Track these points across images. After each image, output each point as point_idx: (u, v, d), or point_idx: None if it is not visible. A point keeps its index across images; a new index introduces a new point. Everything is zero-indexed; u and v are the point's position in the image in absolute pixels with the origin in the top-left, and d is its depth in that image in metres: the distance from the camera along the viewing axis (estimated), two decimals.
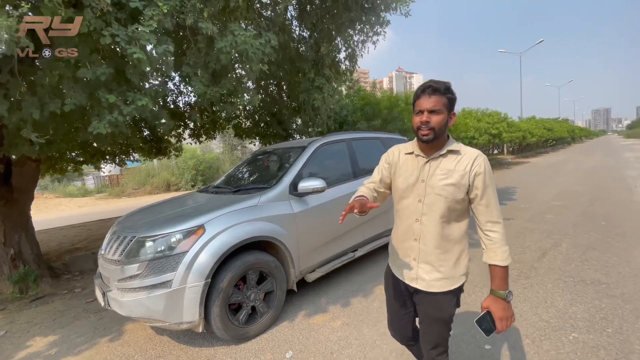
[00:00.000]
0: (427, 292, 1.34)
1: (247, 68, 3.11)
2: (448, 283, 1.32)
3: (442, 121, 1.23)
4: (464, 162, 1.26)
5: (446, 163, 1.28)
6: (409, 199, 1.35)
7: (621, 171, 11.47)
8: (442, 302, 1.33)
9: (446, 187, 1.26)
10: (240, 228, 2.47)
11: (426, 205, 1.30)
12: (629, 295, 2.85)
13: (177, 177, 19.47)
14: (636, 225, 4.87)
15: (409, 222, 1.36)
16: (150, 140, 7.03)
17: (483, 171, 1.24)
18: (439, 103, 1.22)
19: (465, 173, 1.24)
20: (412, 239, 1.36)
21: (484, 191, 1.24)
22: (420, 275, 1.35)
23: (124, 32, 2.46)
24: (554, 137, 31.25)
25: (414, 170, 1.34)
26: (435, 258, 1.32)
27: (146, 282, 2.23)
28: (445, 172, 1.27)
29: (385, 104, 7.98)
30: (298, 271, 2.92)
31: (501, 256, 1.24)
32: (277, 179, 3.04)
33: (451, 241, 1.31)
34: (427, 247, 1.33)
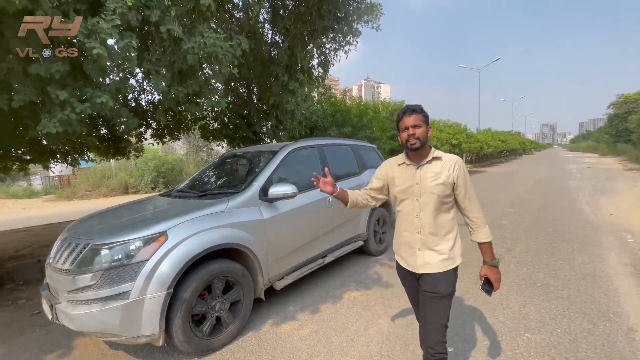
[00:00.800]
0: (434, 273, 1.59)
1: (215, 70, 3.01)
2: (451, 262, 1.61)
3: (423, 132, 1.58)
4: (447, 166, 1.59)
5: (434, 167, 1.60)
6: (408, 199, 1.65)
7: (566, 181, 12.56)
8: (447, 279, 1.60)
9: (437, 186, 1.57)
10: (206, 235, 2.36)
11: (422, 203, 1.60)
12: (574, 297, 3.10)
13: (136, 178, 18.38)
14: (578, 231, 5.34)
15: (410, 218, 1.65)
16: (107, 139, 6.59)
17: (463, 172, 1.61)
18: (418, 119, 1.57)
19: (449, 174, 1.58)
20: (415, 232, 1.64)
21: (465, 187, 1.60)
22: (427, 261, 1.61)
23: (83, 25, 2.30)
24: (508, 149, 33.59)
25: (408, 176, 1.65)
26: (435, 244, 1.61)
27: (101, 294, 2.06)
28: (435, 175, 1.58)
29: (355, 112, 8.13)
30: (266, 279, 2.85)
31: (485, 234, 1.61)
32: (246, 184, 2.96)
33: (445, 228, 1.62)
34: (427, 236, 1.61)
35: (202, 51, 2.87)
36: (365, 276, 3.78)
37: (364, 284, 3.57)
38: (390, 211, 4.79)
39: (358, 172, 4.27)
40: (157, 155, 19.02)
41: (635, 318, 2.70)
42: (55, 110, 2.40)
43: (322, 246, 3.54)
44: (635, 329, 2.53)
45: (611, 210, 6.96)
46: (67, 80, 2.54)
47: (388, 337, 2.53)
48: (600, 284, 3.34)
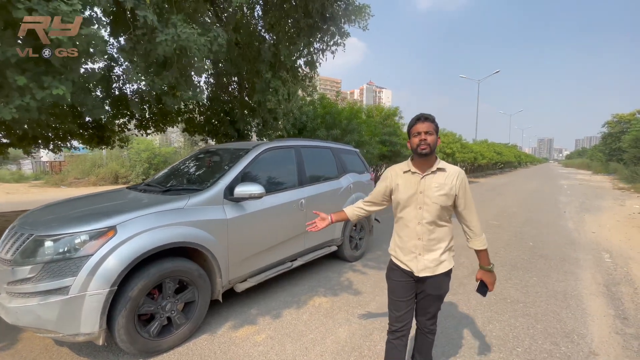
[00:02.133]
0: (433, 276, 1.72)
1: (190, 63, 2.93)
2: (446, 265, 1.75)
3: (434, 140, 1.66)
4: (450, 178, 1.69)
5: (438, 178, 1.69)
6: (410, 207, 1.73)
7: (555, 196, 12.60)
8: (444, 281, 1.77)
9: (440, 196, 1.66)
10: (159, 232, 2.27)
11: (425, 211, 1.69)
12: (541, 315, 3.05)
13: (127, 169, 18.19)
14: (557, 247, 5.31)
15: (412, 225, 1.73)
16: (91, 127, 6.47)
17: (465, 185, 1.72)
18: (430, 127, 1.66)
19: (452, 186, 1.68)
20: (416, 239, 1.73)
21: (465, 199, 1.72)
22: (427, 265, 1.72)
23: (44, 6, 2.20)
24: (503, 161, 33.76)
25: (412, 184, 1.72)
26: (435, 249, 1.72)
27: (39, 287, 1.97)
28: (439, 186, 1.67)
29: (346, 115, 8.07)
30: (226, 281, 2.77)
31: (482, 242, 1.79)
32: (212, 181, 2.88)
33: (444, 234, 1.74)
34: (428, 242, 1.71)
35: (175, 44, 2.78)
36: (335, 282, 3.71)
37: (332, 290, 3.50)
38: (369, 218, 4.72)
39: (337, 176, 4.20)
40: (150, 147, 18.84)
41: (599, 341, 2.65)
42: (13, 96, 2.31)
43: (292, 249, 3.46)
44: (597, 353, 2.48)
45: (594, 228, 6.95)
46: (28, 65, 2.44)
47: (344, 347, 2.46)
48: (569, 303, 3.29)
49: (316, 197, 3.68)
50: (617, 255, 4.97)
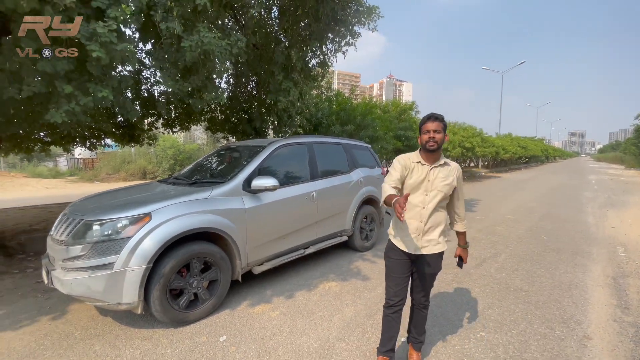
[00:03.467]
0: (430, 254, 2.00)
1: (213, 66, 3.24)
2: (442, 246, 2.02)
3: (441, 138, 1.92)
4: (453, 171, 2.00)
5: (444, 171, 1.98)
6: (419, 192, 1.98)
7: (580, 191, 12.23)
8: (438, 260, 2.06)
9: (445, 186, 1.96)
10: (187, 219, 2.62)
11: (430, 197, 1.96)
12: (542, 303, 3.18)
13: (154, 165, 19.14)
14: (572, 241, 5.31)
15: (418, 209, 1.98)
16: (123, 126, 7.01)
17: (461, 178, 2.07)
18: (439, 126, 1.91)
19: (454, 178, 1.99)
20: (419, 221, 1.98)
21: (460, 189, 2.07)
22: (424, 245, 1.99)
23: (85, 27, 2.55)
24: (528, 155, 32.64)
25: (422, 173, 1.98)
26: (433, 230, 1.99)
27: (89, 263, 2.35)
28: (444, 176, 1.97)
29: (360, 110, 8.24)
30: (245, 263, 3.09)
31: (464, 226, 2.16)
32: (231, 175, 3.20)
33: (441, 219, 2.01)
34: (428, 225, 1.98)
35: (199, 49, 3.10)
36: (345, 269, 3.96)
37: (342, 276, 3.76)
38: (379, 210, 4.93)
39: (347, 170, 4.43)
40: (176, 144, 19.73)
41: (595, 327, 2.77)
42: (62, 102, 2.70)
43: (304, 238, 3.74)
44: (590, 337, 2.61)
45: (615, 223, 6.82)
46: (74, 75, 2.83)
47: (349, 324, 2.72)
48: (572, 293, 3.39)
49: (327, 190, 3.94)
50: (632, 250, 4.93)
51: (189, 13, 3.33)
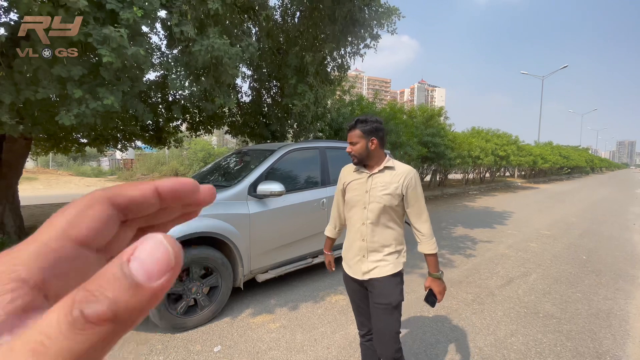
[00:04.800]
0: (376, 279, 1.61)
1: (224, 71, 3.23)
2: (393, 267, 1.62)
3: (360, 148, 1.60)
4: (398, 177, 1.59)
5: (384, 177, 1.61)
6: (357, 207, 1.66)
7: (626, 207, 11.11)
8: (389, 287, 1.60)
9: (384, 196, 1.58)
10: (189, 222, 2.57)
11: (370, 211, 1.61)
12: (575, 333, 2.81)
13: (185, 167, 19.93)
14: (615, 262, 4.75)
15: (357, 225, 1.66)
16: (151, 129, 7.28)
17: (414, 185, 1.60)
18: (353, 136, 1.62)
19: (398, 185, 1.58)
20: (361, 240, 1.65)
21: (415, 200, 1.61)
22: (370, 267, 1.63)
23: (99, 31, 2.60)
24: (570, 165, 30.38)
25: (361, 183, 1.66)
26: (378, 250, 1.63)
27: None
28: (384, 185, 1.59)
29: (384, 115, 8.01)
30: (247, 270, 3.00)
31: (430, 247, 1.62)
32: (238, 179, 3.14)
33: (391, 236, 1.63)
34: (372, 244, 1.63)
35: (209, 54, 3.09)
36: None
37: None
38: None
39: None
40: (206, 147, 20.46)
41: None
42: (72, 105, 2.77)
43: (313, 246, 3.60)
44: None
45: None
46: (86, 78, 2.90)
47: (351, 343, 2.54)
48: (611, 323, 2.98)
49: None
50: None
51: (203, 17, 3.34)
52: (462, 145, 12.07)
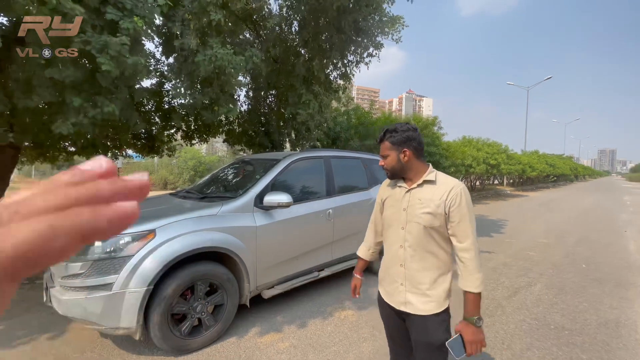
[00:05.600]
0: (416, 315, 1.40)
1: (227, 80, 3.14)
2: (435, 306, 1.38)
3: (391, 161, 1.43)
4: (440, 192, 1.36)
5: (423, 193, 1.39)
6: (393, 227, 1.47)
7: (615, 214, 11.36)
8: (430, 326, 1.37)
9: (423, 215, 1.36)
10: (194, 237, 2.44)
11: (408, 232, 1.40)
12: (588, 345, 2.77)
13: (175, 176, 19.51)
14: (614, 271, 4.78)
15: (394, 248, 1.46)
16: (143, 137, 7.07)
17: (459, 202, 1.33)
18: (384, 149, 1.46)
19: (441, 202, 1.34)
20: (399, 265, 1.45)
21: (459, 221, 1.33)
22: (409, 299, 1.41)
23: (98, 39, 2.48)
24: (556, 173, 31.14)
25: (397, 200, 1.47)
26: (420, 281, 1.39)
27: (87, 283, 2.19)
28: (423, 201, 1.37)
29: (380, 125, 8.02)
30: (254, 286, 2.86)
31: (473, 283, 1.32)
32: (243, 190, 3.02)
33: (434, 265, 1.39)
34: (412, 271, 1.41)
35: (212, 64, 3.00)
36: (363, 295, 3.65)
37: (359, 303, 3.45)
38: None
39: (366, 187, 4.18)
40: (197, 156, 20.11)
41: None
42: (70, 114, 2.63)
43: (319, 259, 3.49)
44: None
45: None
46: (84, 86, 2.77)
47: None
48: (621, 333, 2.95)
49: (344, 208, 3.69)
50: None
51: (205, 27, 3.26)
52: (456, 154, 12.21)
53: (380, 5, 4.26)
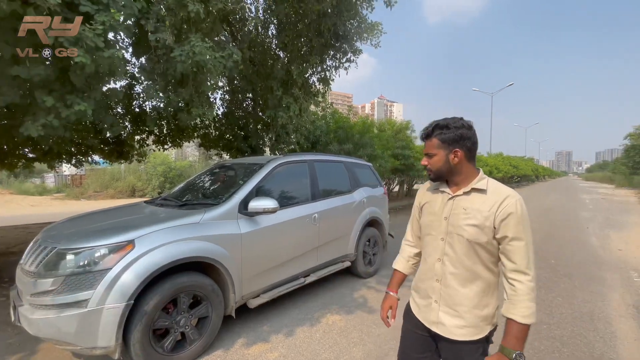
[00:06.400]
0: (449, 339, 1.24)
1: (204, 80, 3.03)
2: (471, 332, 1.21)
3: (438, 162, 1.25)
4: (489, 202, 1.18)
5: (470, 201, 1.22)
6: (431, 236, 1.31)
7: (577, 212, 12.16)
8: (464, 352, 1.22)
9: (468, 227, 1.19)
10: (175, 246, 2.30)
11: (448, 244, 1.24)
12: (567, 338, 2.90)
13: (144, 182, 18.66)
14: (582, 266, 5.08)
15: (431, 260, 1.31)
16: (111, 142, 6.71)
17: (513, 213, 1.14)
18: (430, 147, 1.26)
19: (490, 214, 1.16)
20: (434, 279, 1.29)
21: (513, 236, 1.14)
22: (441, 319, 1.25)
23: None
24: (519, 175, 32.98)
25: (438, 206, 1.31)
26: (456, 302, 1.23)
27: (59, 300, 2.00)
28: (468, 211, 1.20)
29: (358, 129, 8.11)
30: (239, 296, 2.75)
31: (522, 312, 1.12)
32: (227, 196, 2.91)
33: (476, 285, 1.22)
34: (449, 289, 1.24)
35: (190, 60, 2.88)
36: (349, 299, 3.64)
37: (346, 307, 3.42)
38: (383, 231, 4.65)
39: (349, 190, 4.18)
40: (167, 161, 19.33)
41: None
42: (39, 114, 2.43)
43: (305, 265, 3.43)
44: None
45: (620, 245, 6.64)
46: (55, 85, 2.57)
47: None
48: (597, 326, 3.12)
49: (329, 212, 3.66)
50: None
51: (181, 23, 3.13)
52: None
53: (360, 11, 4.32)
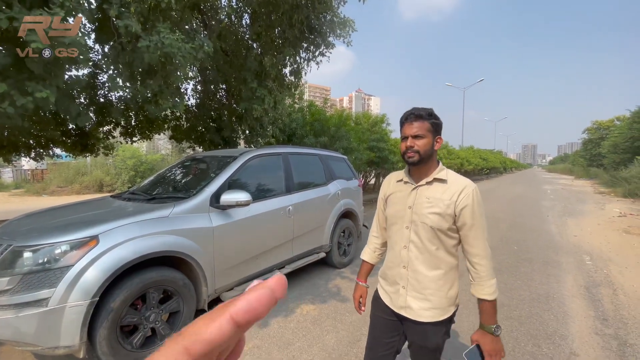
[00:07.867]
0: (415, 321, 1.32)
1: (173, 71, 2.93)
2: (438, 313, 1.30)
3: (426, 144, 1.28)
4: (450, 192, 1.27)
5: (432, 191, 1.30)
6: (397, 225, 1.38)
7: (539, 201, 12.91)
8: (430, 332, 1.31)
9: (431, 215, 1.27)
10: (143, 241, 2.25)
11: (413, 232, 1.32)
12: (525, 318, 3.11)
13: (112, 177, 17.84)
14: (541, 251, 5.44)
15: (397, 248, 1.38)
16: (75, 134, 6.35)
17: (471, 203, 1.24)
18: (421, 128, 1.28)
19: (450, 203, 1.25)
20: (401, 266, 1.36)
21: (471, 225, 1.25)
22: (409, 303, 1.33)
23: (25, 14, 2.19)
24: (489, 167, 34.46)
25: (402, 197, 1.37)
26: (423, 286, 1.31)
27: (16, 299, 1.91)
28: (431, 200, 1.28)
29: (334, 122, 8.14)
30: (212, 290, 2.74)
31: (488, 290, 1.25)
32: (197, 189, 2.86)
33: (440, 269, 1.31)
34: (416, 274, 1.32)
35: (159, 51, 2.78)
36: (323, 289, 3.70)
37: (321, 297, 3.49)
38: (357, 222, 4.75)
39: (325, 183, 4.22)
40: (137, 154, 18.53)
41: (580, 342, 2.72)
42: None
43: (280, 257, 3.45)
44: (577, 353, 2.55)
45: (576, 232, 7.14)
46: (10, 72, 2.41)
47: (331, 354, 2.46)
48: (552, 306, 3.37)
49: (304, 204, 3.69)
50: (597, 258, 5.12)
51: (149, 11, 3.01)
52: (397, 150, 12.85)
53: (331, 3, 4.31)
